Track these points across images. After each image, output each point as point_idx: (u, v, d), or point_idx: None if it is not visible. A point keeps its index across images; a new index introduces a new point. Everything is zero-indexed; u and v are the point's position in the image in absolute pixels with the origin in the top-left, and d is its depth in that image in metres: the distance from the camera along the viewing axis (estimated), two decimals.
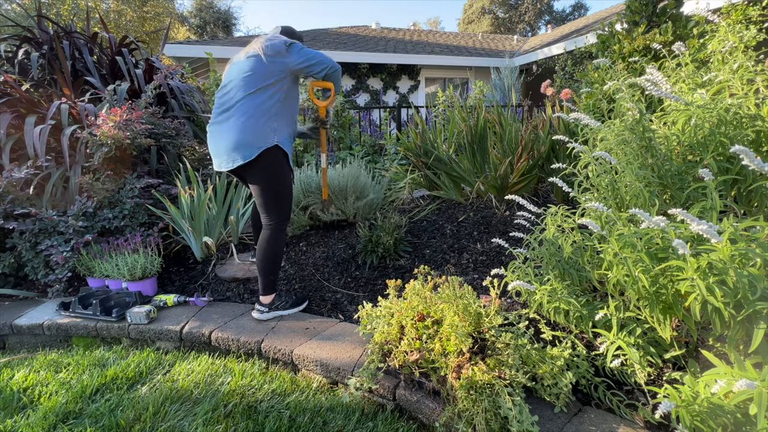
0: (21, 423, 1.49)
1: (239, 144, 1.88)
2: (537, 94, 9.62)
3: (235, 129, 1.88)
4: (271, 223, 1.99)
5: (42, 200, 2.68)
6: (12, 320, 2.30)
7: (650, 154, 1.43)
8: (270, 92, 1.91)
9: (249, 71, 1.89)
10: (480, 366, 1.26)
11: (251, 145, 1.87)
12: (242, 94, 1.89)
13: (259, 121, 1.89)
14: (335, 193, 2.75)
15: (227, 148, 1.91)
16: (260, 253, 2.00)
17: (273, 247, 1.99)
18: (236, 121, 1.89)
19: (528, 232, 1.96)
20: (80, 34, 4.07)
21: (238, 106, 1.90)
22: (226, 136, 1.91)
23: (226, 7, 22.09)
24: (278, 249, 2.01)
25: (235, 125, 1.89)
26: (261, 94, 1.90)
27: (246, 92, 1.89)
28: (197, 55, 8.13)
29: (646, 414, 1.20)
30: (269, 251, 1.99)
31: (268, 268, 2.01)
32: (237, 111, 1.90)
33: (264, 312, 2.05)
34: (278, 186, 1.98)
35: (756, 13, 2.82)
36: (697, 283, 0.98)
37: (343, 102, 4.58)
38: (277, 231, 1.99)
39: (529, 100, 5.59)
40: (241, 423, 1.44)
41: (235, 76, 1.94)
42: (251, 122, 1.88)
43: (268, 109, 1.90)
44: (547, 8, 29.03)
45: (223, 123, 1.94)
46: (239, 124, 1.88)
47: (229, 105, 1.93)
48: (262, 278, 2.02)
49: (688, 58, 1.63)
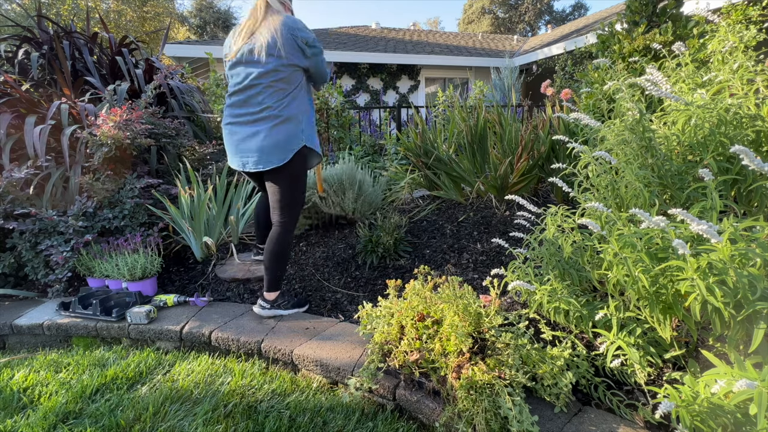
0: (21, 423, 1.49)
1: (275, 147, 1.87)
2: (537, 94, 9.62)
3: (267, 132, 1.87)
4: (284, 221, 2.00)
5: (42, 200, 2.68)
6: (12, 320, 2.30)
7: (650, 154, 1.43)
8: (294, 90, 1.91)
9: (272, 71, 1.85)
10: (480, 366, 1.26)
11: (286, 149, 1.88)
12: (269, 95, 1.87)
13: (291, 124, 1.89)
14: (333, 189, 2.74)
15: (260, 150, 1.88)
16: (269, 249, 2.00)
17: (282, 244, 2.00)
18: (268, 124, 1.87)
19: (528, 232, 1.96)
20: (80, 34, 4.07)
21: (267, 109, 1.87)
22: (258, 138, 1.88)
23: (226, 7, 22.12)
24: (288, 247, 2.03)
25: (268, 128, 1.87)
26: (287, 93, 1.89)
27: (273, 94, 1.87)
28: (197, 55, 8.14)
29: (646, 414, 1.20)
30: (278, 248, 1.99)
31: (276, 265, 2.02)
32: (266, 112, 1.87)
33: (266, 308, 2.06)
34: (299, 187, 2.01)
35: (756, 13, 2.83)
36: (697, 283, 0.98)
37: (343, 102, 4.58)
38: (289, 229, 2.02)
39: (529, 100, 5.59)
40: (241, 423, 1.44)
41: (255, 74, 1.87)
42: (284, 126, 1.88)
43: (296, 108, 1.91)
44: (547, 8, 29.05)
45: (250, 125, 1.90)
46: (272, 128, 1.87)
47: (255, 105, 1.88)
48: (269, 275, 2.02)
49: (688, 58, 1.63)
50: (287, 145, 1.89)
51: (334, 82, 4.84)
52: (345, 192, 2.70)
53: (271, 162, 1.90)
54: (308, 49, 1.91)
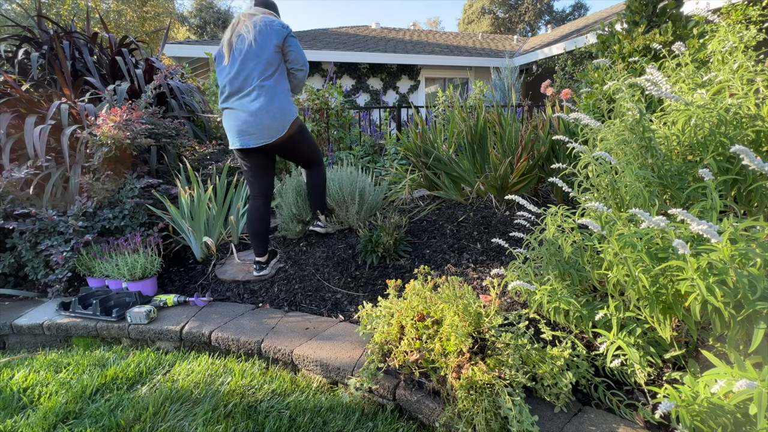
0: (21, 423, 1.49)
1: (275, 121, 2.17)
2: (537, 94, 9.62)
3: (267, 109, 2.15)
4: (316, 161, 2.50)
5: (42, 200, 2.68)
6: (12, 320, 2.30)
7: (650, 154, 1.43)
8: (280, 73, 2.22)
9: (262, 57, 2.15)
10: (480, 366, 1.26)
11: (285, 120, 2.20)
12: (261, 78, 2.15)
13: (286, 100, 2.22)
14: (336, 203, 2.75)
15: (263, 127, 2.17)
16: (314, 186, 2.55)
17: (323, 179, 2.55)
18: (266, 102, 2.14)
19: (528, 232, 1.96)
20: (80, 34, 4.07)
21: (261, 89, 2.15)
22: (259, 116, 2.15)
23: (226, 7, 22.12)
24: (324, 180, 2.58)
25: (266, 106, 2.14)
26: (275, 75, 2.20)
27: (264, 75, 2.16)
28: (197, 55, 8.13)
29: (646, 414, 1.20)
30: (321, 182, 2.56)
31: (322, 196, 2.60)
32: (262, 92, 2.15)
33: (321, 227, 2.66)
34: (309, 139, 2.45)
35: (756, 13, 2.82)
36: (697, 283, 0.98)
37: (343, 102, 4.58)
38: (322, 166, 2.54)
39: (529, 100, 5.59)
40: (241, 423, 1.44)
41: (246, 61, 2.16)
42: (278, 101, 2.17)
43: (283, 86, 2.24)
44: (547, 8, 29.04)
45: (247, 105, 2.16)
46: (270, 105, 2.15)
47: (249, 88, 2.16)
48: (318, 204, 2.60)
49: (688, 58, 1.63)
50: (287, 116, 2.25)
51: (335, 81, 4.83)
52: (348, 207, 2.73)
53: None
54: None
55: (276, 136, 2.19)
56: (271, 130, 2.18)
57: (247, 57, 2.14)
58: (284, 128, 2.20)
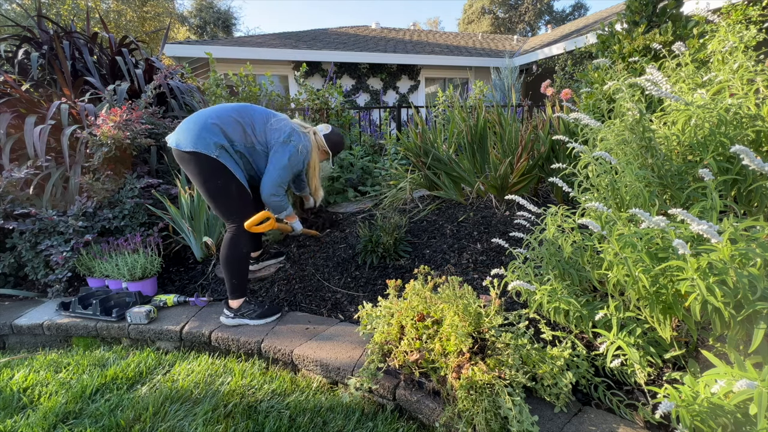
0: (21, 423, 1.49)
1: (190, 132, 1.95)
2: (537, 94, 9.62)
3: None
4: (231, 220, 2.01)
5: (42, 200, 2.68)
6: (12, 320, 2.30)
7: (650, 154, 1.43)
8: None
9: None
10: (480, 366, 1.26)
11: (200, 139, 1.95)
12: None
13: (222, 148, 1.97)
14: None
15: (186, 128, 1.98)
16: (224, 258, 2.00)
17: (238, 251, 2.00)
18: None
19: (528, 232, 1.96)
20: (80, 34, 4.07)
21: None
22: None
23: (226, 7, 22.10)
24: (240, 254, 2.00)
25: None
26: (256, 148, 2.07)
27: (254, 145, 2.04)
28: (197, 55, 8.12)
29: (646, 414, 1.20)
30: (229, 253, 2.00)
31: (229, 271, 2.00)
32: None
33: (229, 317, 2.02)
34: (221, 192, 2.05)
35: (756, 13, 2.82)
36: (697, 283, 0.98)
37: (343, 102, 4.58)
38: (240, 231, 2.01)
39: (529, 100, 5.59)
40: (241, 423, 1.44)
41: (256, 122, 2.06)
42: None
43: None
44: (547, 8, 29.04)
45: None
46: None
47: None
48: (226, 281, 2.03)
49: (688, 58, 1.63)
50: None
51: (335, 82, 4.83)
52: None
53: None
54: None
55: (182, 144, 1.87)
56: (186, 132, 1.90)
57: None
58: (191, 145, 1.85)
